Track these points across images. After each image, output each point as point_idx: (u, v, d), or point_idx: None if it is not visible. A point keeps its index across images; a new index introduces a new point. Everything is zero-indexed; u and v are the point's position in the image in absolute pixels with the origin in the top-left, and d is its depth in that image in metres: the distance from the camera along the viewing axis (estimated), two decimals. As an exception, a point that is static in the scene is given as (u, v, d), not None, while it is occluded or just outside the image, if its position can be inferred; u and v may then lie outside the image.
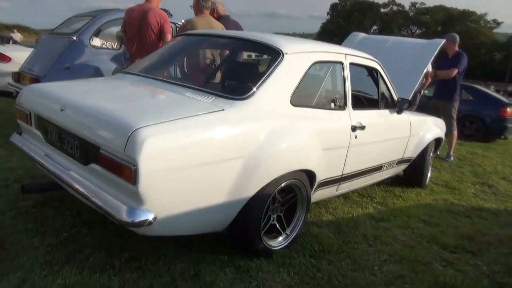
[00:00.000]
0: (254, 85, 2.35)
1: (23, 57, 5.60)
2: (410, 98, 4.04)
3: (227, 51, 3.70)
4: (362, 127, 2.93)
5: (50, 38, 5.41)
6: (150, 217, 1.83)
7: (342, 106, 2.89)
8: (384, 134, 3.36)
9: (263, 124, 2.26)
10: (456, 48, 5.57)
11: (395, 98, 3.49)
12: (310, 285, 2.22)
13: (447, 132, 4.94)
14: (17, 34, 20.17)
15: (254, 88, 2.33)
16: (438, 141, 4.38)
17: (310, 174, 2.57)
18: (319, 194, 2.87)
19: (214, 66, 3.74)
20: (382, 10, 68.77)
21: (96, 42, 4.89)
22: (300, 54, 2.62)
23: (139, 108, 2.21)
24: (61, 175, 2.16)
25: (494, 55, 57.15)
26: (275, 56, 2.52)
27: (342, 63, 2.93)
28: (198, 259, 2.31)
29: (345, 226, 3.02)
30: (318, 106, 2.81)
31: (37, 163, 2.42)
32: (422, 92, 5.80)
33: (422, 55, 4.60)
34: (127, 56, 4.37)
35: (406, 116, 3.65)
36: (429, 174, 4.40)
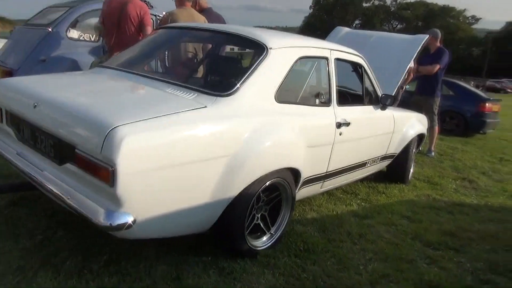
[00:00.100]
0: (238, 81, 2.28)
1: (-3, 48, 5.36)
2: (393, 94, 4.04)
3: (210, 45, 3.61)
4: (347, 124, 2.89)
5: (25, 29, 5.17)
6: (129, 220, 1.74)
7: (327, 102, 2.85)
8: (368, 131, 3.34)
9: (247, 121, 2.19)
10: (438, 44, 5.62)
11: (379, 94, 3.48)
12: (295, 286, 2.18)
13: (429, 127, 4.97)
14: (-9, 24, 19.51)
15: (237, 84, 2.25)
16: (420, 137, 4.41)
17: (295, 172, 2.53)
18: (304, 192, 2.84)
19: (196, 60, 3.64)
20: (364, 4, 69.40)
21: (73, 34, 4.69)
22: (285, 49, 2.56)
23: (117, 105, 2.11)
24: (34, 175, 2.06)
25: (473, 51, 58.54)
26: (260, 51, 2.45)
27: (327, 59, 2.89)
28: (180, 261, 2.24)
29: (329, 224, 2.99)
30: (303, 102, 2.77)
31: (9, 162, 2.30)
32: (404, 87, 5.82)
33: (406, 51, 4.59)
34: (106, 49, 4.23)
35: (390, 112, 3.65)
36: (411, 170, 4.43)
